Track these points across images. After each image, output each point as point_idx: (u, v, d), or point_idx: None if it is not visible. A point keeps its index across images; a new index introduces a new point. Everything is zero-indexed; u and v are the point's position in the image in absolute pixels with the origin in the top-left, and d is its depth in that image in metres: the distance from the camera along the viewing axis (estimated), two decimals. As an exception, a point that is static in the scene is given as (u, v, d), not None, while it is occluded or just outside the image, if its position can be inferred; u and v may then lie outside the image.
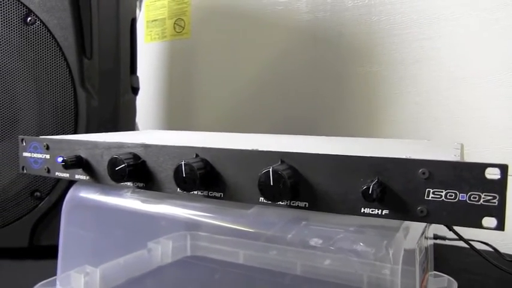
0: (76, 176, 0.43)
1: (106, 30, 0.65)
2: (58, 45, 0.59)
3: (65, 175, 0.44)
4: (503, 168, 0.25)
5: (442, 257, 0.61)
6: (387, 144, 0.44)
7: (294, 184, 0.30)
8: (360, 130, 0.83)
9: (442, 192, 0.26)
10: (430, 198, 0.27)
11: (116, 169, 0.37)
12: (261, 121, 0.95)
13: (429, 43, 0.75)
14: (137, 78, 0.78)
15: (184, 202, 0.40)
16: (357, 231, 0.33)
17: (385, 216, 0.28)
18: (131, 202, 0.43)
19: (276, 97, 0.93)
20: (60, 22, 0.58)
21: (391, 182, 0.28)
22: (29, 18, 0.58)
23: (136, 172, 0.38)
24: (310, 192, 0.30)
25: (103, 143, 0.41)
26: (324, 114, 0.87)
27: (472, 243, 0.50)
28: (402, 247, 0.31)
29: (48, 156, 0.45)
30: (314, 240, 0.34)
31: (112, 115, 0.67)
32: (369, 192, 0.27)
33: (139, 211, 0.42)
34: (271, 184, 0.30)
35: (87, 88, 0.61)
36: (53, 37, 0.59)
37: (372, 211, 0.28)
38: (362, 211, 0.29)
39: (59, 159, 0.42)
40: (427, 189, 0.27)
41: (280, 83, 0.92)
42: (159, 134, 0.57)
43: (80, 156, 0.42)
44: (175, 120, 1.11)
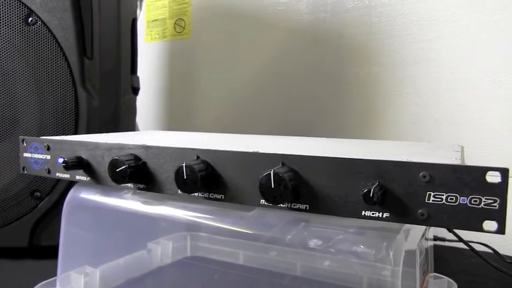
0: (77, 177, 0.43)
1: (107, 30, 0.65)
2: (59, 45, 0.59)
3: (66, 176, 0.44)
4: (504, 172, 0.25)
5: (442, 259, 0.61)
6: (387, 146, 0.44)
7: (295, 187, 0.30)
8: (359, 131, 0.83)
9: (443, 195, 0.26)
10: (431, 201, 0.27)
11: (117, 170, 0.37)
12: (261, 121, 0.95)
13: (429, 44, 0.75)
14: (138, 78, 0.78)
15: (184, 204, 0.40)
16: (357, 232, 0.33)
17: (386, 219, 0.28)
18: (131, 203, 0.43)
19: (276, 97, 0.93)
20: (61, 22, 0.59)
21: (392, 185, 0.28)
22: (30, 18, 0.58)
23: (137, 173, 0.38)
24: (311, 194, 0.30)
25: (104, 144, 0.41)
26: (324, 114, 0.87)
27: (472, 244, 0.50)
28: (403, 249, 0.31)
29: (48, 156, 0.45)
30: (314, 241, 0.34)
31: (113, 115, 0.67)
32: (370, 195, 0.27)
33: (139, 212, 0.42)
34: (272, 186, 0.30)
35: (87, 88, 0.61)
36: (54, 37, 0.59)
37: (373, 214, 0.28)
38: (363, 214, 0.29)
39: (60, 160, 0.42)
40: (428, 192, 0.27)
41: (280, 84, 0.92)
42: (160, 135, 0.57)
43: (81, 157, 0.42)
44: (175, 120, 1.11)
